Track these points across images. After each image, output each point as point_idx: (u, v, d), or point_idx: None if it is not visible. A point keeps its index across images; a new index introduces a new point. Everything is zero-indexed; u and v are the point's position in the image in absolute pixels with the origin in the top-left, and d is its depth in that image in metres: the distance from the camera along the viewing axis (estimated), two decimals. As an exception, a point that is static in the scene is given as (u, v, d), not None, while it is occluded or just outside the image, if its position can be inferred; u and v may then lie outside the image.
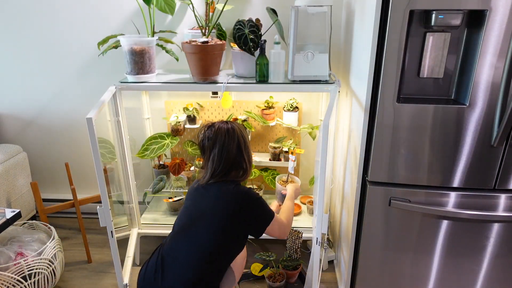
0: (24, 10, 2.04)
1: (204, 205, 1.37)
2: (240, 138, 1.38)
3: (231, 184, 1.37)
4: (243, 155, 1.39)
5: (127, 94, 2.15)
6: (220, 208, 1.33)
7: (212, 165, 1.37)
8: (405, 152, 1.34)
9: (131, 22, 2.01)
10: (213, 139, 1.37)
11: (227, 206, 1.33)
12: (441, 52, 1.25)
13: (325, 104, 2.01)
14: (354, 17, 1.60)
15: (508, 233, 1.41)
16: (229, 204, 1.33)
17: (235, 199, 1.34)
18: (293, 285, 1.90)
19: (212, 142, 1.37)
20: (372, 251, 1.52)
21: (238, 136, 1.37)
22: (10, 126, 2.34)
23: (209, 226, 1.33)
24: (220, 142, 1.36)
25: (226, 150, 1.35)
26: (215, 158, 1.36)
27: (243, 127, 1.45)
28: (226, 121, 1.41)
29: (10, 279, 1.60)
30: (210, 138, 1.37)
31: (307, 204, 2.15)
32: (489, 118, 1.25)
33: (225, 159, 1.36)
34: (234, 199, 1.34)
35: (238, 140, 1.37)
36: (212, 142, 1.37)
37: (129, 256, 1.91)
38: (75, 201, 2.00)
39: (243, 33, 1.63)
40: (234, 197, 1.34)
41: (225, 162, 1.36)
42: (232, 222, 1.34)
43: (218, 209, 1.33)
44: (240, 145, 1.38)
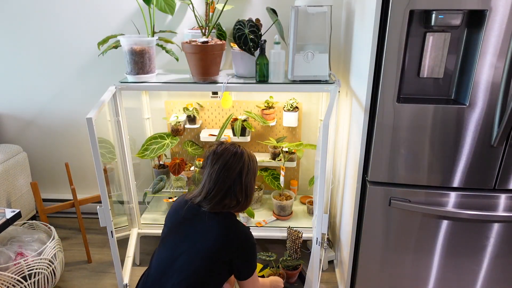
0: (24, 10, 2.04)
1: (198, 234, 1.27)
2: (245, 166, 1.29)
3: (231, 218, 1.29)
4: (241, 184, 1.28)
5: (127, 94, 2.15)
6: (218, 243, 1.24)
7: (208, 183, 1.27)
8: (405, 152, 1.34)
9: (131, 22, 2.01)
10: (217, 155, 1.28)
11: (225, 243, 1.24)
12: (441, 52, 1.25)
13: (325, 104, 2.01)
14: (354, 17, 1.60)
15: (508, 233, 1.41)
16: (227, 241, 1.24)
17: (234, 237, 1.25)
18: (293, 285, 1.90)
19: (216, 157, 1.28)
20: (372, 251, 1.52)
21: (243, 163, 1.28)
22: (10, 126, 2.34)
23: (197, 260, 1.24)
24: (224, 160, 1.27)
25: (226, 170, 1.26)
26: (212, 176, 1.27)
27: (254, 158, 1.35)
28: (239, 146, 1.33)
29: (10, 279, 1.60)
30: (216, 153, 1.29)
31: (307, 204, 2.15)
32: (489, 118, 1.25)
33: (222, 181, 1.26)
34: (233, 238, 1.25)
35: (242, 167, 1.28)
36: (216, 157, 1.28)
37: (129, 256, 1.91)
38: (75, 201, 2.00)
39: (243, 33, 1.63)
40: (234, 235, 1.26)
41: (221, 184, 1.26)
42: (225, 260, 1.25)
43: (215, 244, 1.24)
44: (242, 172, 1.28)
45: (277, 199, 2.07)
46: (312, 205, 2.13)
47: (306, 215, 2.12)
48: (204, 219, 1.28)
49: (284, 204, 2.04)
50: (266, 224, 2.04)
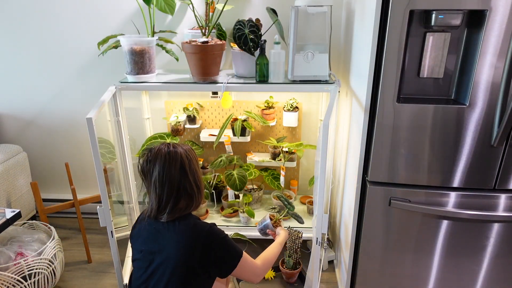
0: (24, 10, 2.04)
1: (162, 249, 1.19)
2: (184, 159, 1.20)
3: (189, 221, 1.21)
4: (188, 178, 1.20)
5: (127, 94, 2.15)
6: (182, 251, 1.16)
7: (155, 193, 1.20)
8: (405, 152, 1.34)
9: (131, 22, 2.01)
10: (152, 161, 1.20)
11: (188, 249, 1.16)
12: (441, 52, 1.25)
13: (325, 104, 2.01)
14: (354, 17, 1.60)
15: (508, 233, 1.41)
16: (190, 246, 1.17)
17: (196, 239, 1.18)
18: (293, 285, 1.90)
19: (151, 165, 1.20)
20: (372, 251, 1.52)
21: (181, 157, 1.20)
22: (10, 126, 2.34)
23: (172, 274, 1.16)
24: (160, 164, 1.18)
25: (167, 172, 1.18)
26: (156, 183, 1.18)
27: (190, 148, 1.27)
28: (168, 144, 1.24)
29: (10, 279, 1.60)
30: (149, 161, 1.21)
31: (307, 204, 2.15)
32: (489, 118, 1.25)
33: (168, 183, 1.18)
34: (195, 239, 1.17)
35: (182, 161, 1.20)
36: (151, 165, 1.20)
37: (129, 256, 1.91)
38: (75, 201, 2.00)
39: (243, 33, 1.63)
40: (194, 236, 1.18)
41: (168, 187, 1.19)
42: (197, 264, 1.17)
43: (180, 253, 1.16)
44: (184, 166, 1.20)
45: (277, 199, 2.07)
46: (312, 205, 2.13)
47: (306, 215, 2.12)
48: (164, 232, 1.21)
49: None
50: (266, 224, 2.03)
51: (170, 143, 1.24)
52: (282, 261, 1.92)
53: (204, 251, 1.17)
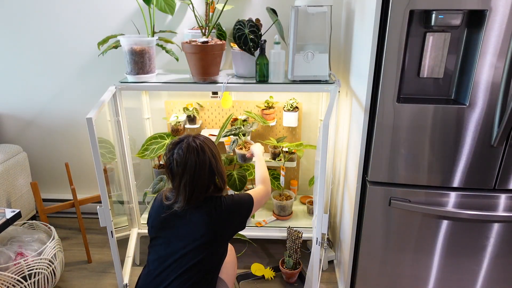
0: (24, 10, 2.04)
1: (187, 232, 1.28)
2: (211, 159, 1.27)
3: (211, 204, 1.30)
4: (215, 174, 1.29)
5: (127, 94, 2.15)
6: (207, 231, 1.27)
7: (184, 192, 1.26)
8: (405, 152, 1.34)
9: (131, 22, 2.01)
10: (183, 165, 1.24)
11: (213, 227, 1.28)
12: (441, 52, 1.25)
13: (325, 104, 2.01)
14: (354, 17, 1.60)
15: (508, 233, 1.41)
16: (216, 225, 1.28)
17: (219, 216, 1.29)
18: (293, 285, 1.90)
19: (181, 170, 1.24)
20: (372, 251, 1.52)
21: (208, 157, 1.26)
22: (10, 126, 2.34)
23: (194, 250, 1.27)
24: (190, 170, 1.24)
25: (197, 177, 1.25)
26: (186, 187, 1.25)
27: (211, 141, 1.32)
28: (194, 138, 1.27)
29: (10, 279, 1.60)
30: (179, 163, 1.24)
31: (307, 204, 2.15)
32: (489, 118, 1.25)
33: (198, 185, 1.26)
34: (218, 217, 1.29)
35: (210, 162, 1.26)
36: (181, 169, 1.24)
37: (129, 256, 1.91)
38: (75, 201, 2.00)
39: (243, 33, 1.63)
40: (218, 215, 1.29)
41: (198, 188, 1.26)
42: (219, 237, 1.31)
43: (205, 232, 1.27)
44: (212, 167, 1.27)
45: (277, 199, 2.07)
46: (312, 205, 2.13)
47: (306, 215, 2.12)
48: (190, 217, 1.29)
49: (284, 204, 2.04)
50: (266, 224, 2.04)
51: (195, 136, 1.29)
52: (282, 261, 1.92)
53: (228, 223, 1.31)
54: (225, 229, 1.32)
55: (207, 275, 1.30)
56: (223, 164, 1.35)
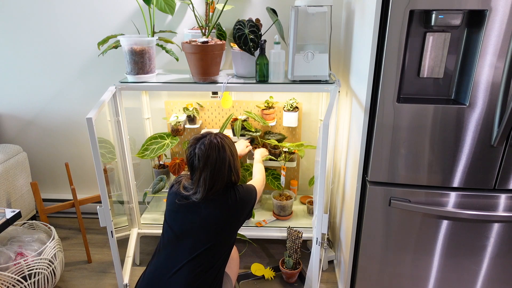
0: (24, 10, 2.04)
1: (202, 219, 1.35)
2: (230, 157, 1.35)
3: (226, 194, 1.37)
4: (232, 171, 1.38)
5: (127, 94, 2.15)
6: (221, 218, 1.35)
7: (204, 185, 1.33)
8: (405, 152, 1.34)
9: (131, 22, 2.01)
10: (204, 160, 1.31)
11: (227, 216, 1.36)
12: (441, 52, 1.25)
13: (325, 104, 2.01)
14: (354, 17, 1.60)
15: (508, 233, 1.41)
16: (229, 214, 1.36)
17: (234, 208, 1.37)
18: (293, 285, 1.90)
19: (202, 164, 1.32)
20: (372, 251, 1.52)
21: (228, 156, 1.34)
22: (10, 126, 2.34)
23: (207, 237, 1.34)
24: (211, 165, 1.31)
25: (217, 172, 1.32)
26: (207, 180, 1.32)
27: (231, 141, 1.40)
28: (216, 136, 1.35)
29: (10, 279, 1.60)
30: (200, 158, 1.32)
31: (307, 204, 2.15)
32: (489, 118, 1.25)
33: (217, 181, 1.34)
34: (234, 209, 1.37)
35: (229, 160, 1.35)
36: (202, 164, 1.32)
37: (129, 256, 1.91)
38: (75, 201, 2.00)
39: (243, 33, 1.63)
40: (234, 206, 1.37)
41: (218, 183, 1.34)
42: (231, 225, 1.38)
43: (219, 220, 1.35)
44: (230, 163, 1.35)
45: (277, 199, 2.07)
46: (312, 205, 2.12)
47: (306, 215, 2.12)
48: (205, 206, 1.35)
49: (284, 204, 2.04)
50: (266, 224, 2.04)
51: (216, 135, 1.36)
52: (282, 261, 1.92)
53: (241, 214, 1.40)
54: (237, 217, 1.39)
55: (216, 264, 1.34)
56: (239, 163, 1.44)
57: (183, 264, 1.31)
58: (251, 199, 1.45)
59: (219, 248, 1.36)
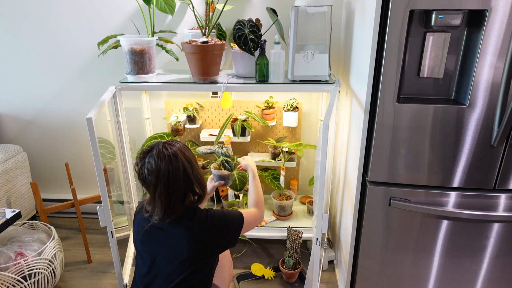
0: (24, 10, 2.04)
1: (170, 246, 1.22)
2: (185, 163, 1.19)
3: (194, 217, 1.22)
4: (192, 181, 1.21)
5: (127, 94, 2.15)
6: (190, 246, 1.21)
7: (160, 203, 1.18)
8: (405, 152, 1.34)
9: (131, 22, 2.01)
10: (155, 174, 1.16)
11: (197, 243, 1.21)
12: (441, 52, 1.25)
13: (325, 104, 2.01)
14: (354, 17, 1.60)
15: (508, 233, 1.41)
16: (200, 241, 1.21)
17: (203, 232, 1.22)
18: (293, 285, 1.90)
19: (155, 179, 1.17)
20: (372, 251, 1.52)
21: (182, 163, 1.18)
22: (10, 126, 2.34)
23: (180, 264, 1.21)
24: (163, 179, 1.16)
25: (172, 185, 1.17)
26: (162, 196, 1.17)
27: (185, 146, 1.24)
28: (164, 144, 1.20)
29: (10, 279, 1.60)
30: (150, 172, 1.17)
31: (307, 204, 2.15)
32: (489, 118, 1.25)
33: (174, 194, 1.18)
34: (202, 233, 1.22)
35: (184, 167, 1.18)
36: (154, 178, 1.17)
37: (129, 256, 1.91)
38: (75, 201, 2.00)
39: (243, 33, 1.63)
40: (202, 230, 1.22)
41: (174, 196, 1.19)
42: (205, 252, 1.24)
43: (188, 248, 1.21)
44: (186, 171, 1.19)
45: (277, 199, 2.07)
46: (312, 205, 2.13)
47: (306, 215, 2.12)
48: (172, 233, 1.22)
49: (284, 204, 2.04)
50: (266, 224, 2.04)
51: (165, 143, 1.20)
52: (282, 261, 1.92)
53: (213, 239, 1.24)
54: (210, 244, 1.24)
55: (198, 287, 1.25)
56: (200, 169, 1.26)
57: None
58: (229, 228, 1.28)
59: (197, 274, 1.23)
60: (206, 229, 1.22)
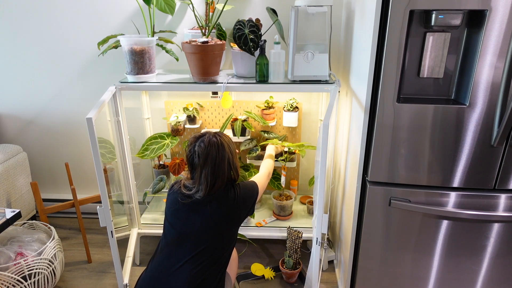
0: (24, 10, 2.04)
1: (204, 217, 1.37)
2: (229, 155, 1.38)
3: (226, 192, 1.40)
4: (231, 168, 1.41)
5: (127, 94, 2.15)
6: (223, 216, 1.38)
7: (206, 182, 1.35)
8: (405, 152, 1.34)
9: (131, 22, 2.01)
10: (204, 157, 1.35)
11: (229, 213, 1.39)
12: (441, 52, 1.25)
13: (325, 104, 2.01)
14: (354, 17, 1.60)
15: (508, 233, 1.41)
16: (231, 211, 1.39)
17: (236, 205, 1.40)
18: (293, 285, 1.90)
19: (202, 161, 1.35)
20: (372, 251, 1.52)
21: (227, 154, 1.37)
22: (10, 126, 2.34)
23: (208, 234, 1.36)
24: (211, 162, 1.34)
25: (217, 169, 1.35)
26: (208, 177, 1.35)
27: (230, 140, 1.43)
28: (215, 134, 1.39)
29: (10, 279, 1.60)
30: (200, 156, 1.35)
31: (307, 204, 2.15)
32: (489, 118, 1.25)
33: (219, 177, 1.36)
34: (235, 206, 1.40)
35: (228, 157, 1.38)
36: (202, 161, 1.35)
37: (129, 256, 1.91)
38: (75, 201, 2.00)
39: (243, 33, 1.63)
40: (235, 204, 1.40)
41: (218, 180, 1.36)
42: (233, 222, 1.42)
43: (221, 216, 1.37)
44: (230, 162, 1.39)
45: (277, 199, 2.07)
46: (312, 205, 2.12)
47: (306, 215, 2.12)
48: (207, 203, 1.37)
49: (284, 204, 2.04)
50: (266, 224, 2.04)
51: (216, 133, 1.39)
52: (282, 261, 1.92)
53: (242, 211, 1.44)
54: (238, 214, 1.42)
55: (218, 262, 1.37)
56: (238, 160, 1.48)
57: (184, 261, 1.33)
58: (252, 195, 1.48)
59: (221, 246, 1.38)
60: (238, 200, 1.41)
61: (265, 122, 2.01)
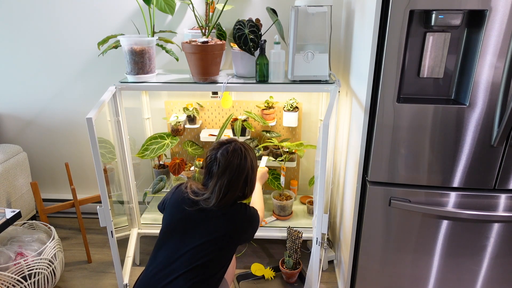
0: (24, 10, 2.04)
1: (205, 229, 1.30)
2: (249, 171, 1.33)
3: (235, 209, 1.34)
4: (247, 184, 1.35)
5: (127, 94, 2.15)
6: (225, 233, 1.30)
7: (219, 193, 1.29)
8: (405, 152, 1.34)
9: (131, 22, 2.01)
10: (224, 167, 1.29)
11: (231, 232, 1.31)
12: (441, 52, 1.25)
13: (325, 104, 2.01)
14: (354, 17, 1.60)
15: (508, 233, 1.41)
16: (234, 231, 1.32)
17: (240, 226, 1.34)
18: (293, 285, 1.90)
19: (221, 171, 1.29)
20: (372, 251, 1.52)
21: (248, 169, 1.32)
22: (10, 126, 2.34)
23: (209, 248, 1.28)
24: (230, 174, 1.28)
25: (234, 182, 1.30)
26: (222, 188, 1.29)
27: (254, 155, 1.38)
28: (241, 146, 1.32)
29: (10, 279, 1.60)
30: (220, 164, 1.29)
31: (307, 204, 2.15)
32: (489, 118, 1.25)
33: (232, 190, 1.31)
34: (239, 226, 1.33)
35: (248, 173, 1.32)
36: (222, 170, 1.29)
37: (129, 256, 1.91)
38: (75, 201, 2.00)
39: (243, 33, 1.63)
40: (240, 224, 1.33)
41: (232, 193, 1.31)
42: (233, 242, 1.34)
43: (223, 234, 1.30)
44: (247, 177, 1.33)
45: (277, 199, 2.07)
46: (312, 205, 2.12)
47: (306, 215, 2.12)
48: (212, 216, 1.31)
49: (284, 204, 2.04)
50: (266, 224, 2.04)
51: (242, 144, 1.33)
52: (282, 261, 1.92)
53: (248, 226, 1.37)
54: (240, 236, 1.35)
55: (214, 277, 1.30)
56: (256, 177, 1.41)
57: (179, 274, 1.25)
58: (257, 222, 1.42)
59: (217, 263, 1.31)
60: (244, 221, 1.34)
61: (265, 122, 2.01)
